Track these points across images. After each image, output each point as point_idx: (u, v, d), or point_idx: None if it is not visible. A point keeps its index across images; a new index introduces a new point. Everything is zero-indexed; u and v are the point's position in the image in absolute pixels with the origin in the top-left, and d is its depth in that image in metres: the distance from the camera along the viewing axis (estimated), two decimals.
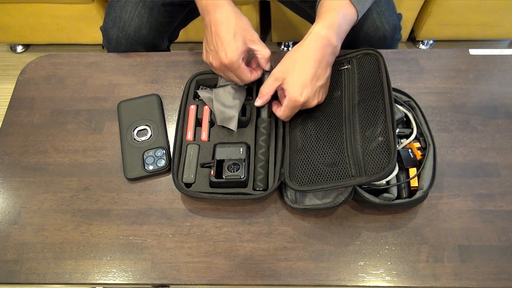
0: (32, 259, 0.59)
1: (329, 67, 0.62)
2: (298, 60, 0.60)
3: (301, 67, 0.60)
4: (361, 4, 0.65)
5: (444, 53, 0.78)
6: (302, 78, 0.59)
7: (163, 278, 0.58)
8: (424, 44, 1.71)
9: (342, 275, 0.57)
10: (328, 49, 0.61)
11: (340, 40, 0.63)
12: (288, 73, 0.60)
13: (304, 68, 0.60)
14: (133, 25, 0.81)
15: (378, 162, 0.54)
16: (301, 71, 0.60)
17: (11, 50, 1.77)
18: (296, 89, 0.59)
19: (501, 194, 0.63)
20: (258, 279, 0.57)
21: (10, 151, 0.69)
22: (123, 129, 0.70)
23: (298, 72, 0.60)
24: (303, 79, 0.59)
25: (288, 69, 0.61)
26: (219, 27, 0.62)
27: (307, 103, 0.61)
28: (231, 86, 0.67)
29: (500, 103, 0.72)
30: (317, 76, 0.60)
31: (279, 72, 0.61)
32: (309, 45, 0.61)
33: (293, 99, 0.59)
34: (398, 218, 0.61)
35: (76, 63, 0.79)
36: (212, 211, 0.62)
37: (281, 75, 0.61)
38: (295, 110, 0.62)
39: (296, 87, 0.59)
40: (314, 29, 0.62)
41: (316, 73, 0.60)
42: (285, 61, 0.62)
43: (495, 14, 1.48)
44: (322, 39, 0.61)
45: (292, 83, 0.60)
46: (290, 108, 0.61)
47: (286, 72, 0.60)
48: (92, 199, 0.64)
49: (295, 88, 0.59)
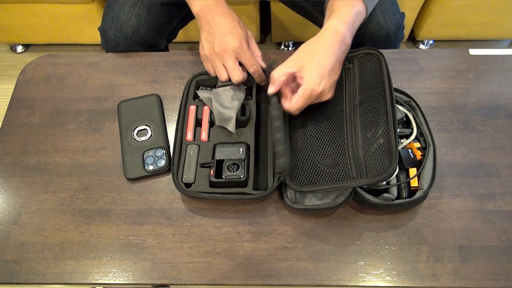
0: (32, 259, 0.59)
1: (341, 65, 0.62)
2: (318, 51, 0.60)
3: (320, 58, 0.59)
4: (370, 1, 0.65)
5: (444, 53, 0.78)
6: (322, 68, 0.58)
7: (163, 278, 0.58)
8: (424, 44, 1.71)
9: (342, 275, 0.57)
10: (343, 46, 0.61)
11: (351, 38, 0.63)
12: (306, 62, 0.59)
13: (324, 60, 0.59)
14: (131, 25, 0.81)
15: (379, 164, 0.54)
16: (320, 61, 0.59)
17: (11, 50, 1.77)
18: (315, 78, 0.58)
19: (501, 194, 0.63)
20: (258, 279, 0.57)
21: (10, 151, 0.69)
22: (123, 129, 0.70)
23: (317, 62, 0.59)
24: (322, 69, 0.58)
25: (306, 59, 0.60)
26: (223, 19, 0.65)
27: (322, 95, 0.60)
28: (230, 86, 0.67)
29: (500, 103, 0.72)
30: (334, 70, 0.60)
31: (296, 60, 0.60)
32: (328, 39, 0.60)
33: (310, 87, 0.58)
34: (398, 218, 0.61)
35: (76, 63, 0.79)
36: (212, 211, 0.62)
37: (298, 63, 0.60)
38: (309, 101, 0.60)
39: (315, 75, 0.58)
40: (332, 24, 0.61)
41: (334, 67, 0.60)
42: (302, 51, 0.61)
43: (495, 14, 1.48)
44: (340, 35, 0.60)
45: (311, 72, 0.58)
46: (306, 97, 0.59)
47: (304, 61, 0.59)
48: (92, 199, 0.64)
49: (314, 77, 0.58)
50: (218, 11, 0.66)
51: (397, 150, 0.54)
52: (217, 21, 0.65)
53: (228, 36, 0.64)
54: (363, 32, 0.80)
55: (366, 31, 0.80)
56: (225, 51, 0.64)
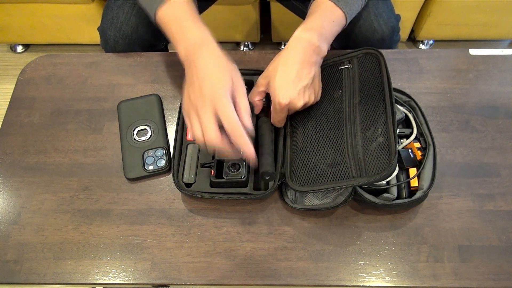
0: (32, 259, 0.59)
1: (313, 67, 0.61)
2: (280, 64, 0.60)
3: (282, 70, 0.60)
4: (348, 6, 0.65)
5: (444, 53, 0.78)
6: (284, 81, 0.59)
7: (163, 278, 0.58)
8: (424, 44, 1.71)
9: (342, 275, 0.57)
10: (309, 50, 0.61)
11: (324, 41, 0.62)
12: (271, 77, 0.60)
13: (285, 71, 0.59)
14: (131, 25, 0.81)
15: (378, 163, 0.54)
16: (282, 73, 0.59)
17: (11, 50, 1.77)
18: (278, 92, 0.59)
19: (501, 194, 0.63)
20: (258, 279, 0.57)
21: (10, 151, 0.69)
22: (123, 129, 0.70)
23: (279, 75, 0.59)
24: (285, 81, 0.59)
25: (271, 74, 0.61)
26: (206, 60, 0.55)
27: (293, 105, 0.60)
28: None
29: (500, 103, 0.72)
30: (299, 77, 0.59)
31: (263, 78, 0.62)
32: (289, 48, 0.61)
33: (276, 101, 0.59)
34: (398, 218, 0.61)
35: (76, 63, 0.79)
36: (212, 211, 0.63)
37: (264, 81, 0.62)
38: (283, 113, 0.61)
39: (278, 89, 0.59)
40: (295, 33, 0.62)
41: (298, 74, 0.59)
42: (269, 67, 0.62)
43: (495, 14, 1.48)
44: (302, 41, 0.61)
45: (275, 86, 0.59)
46: (277, 112, 0.61)
47: (269, 76, 0.61)
48: (92, 199, 0.64)
49: (278, 91, 0.59)
50: (201, 52, 0.56)
51: (396, 148, 0.54)
52: (199, 63, 0.55)
53: (206, 82, 0.53)
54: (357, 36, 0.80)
55: (360, 35, 0.80)
56: (200, 103, 0.52)
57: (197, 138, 0.53)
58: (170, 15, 0.62)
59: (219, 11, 1.46)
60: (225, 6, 1.45)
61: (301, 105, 0.61)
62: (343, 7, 0.64)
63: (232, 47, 1.74)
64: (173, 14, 0.61)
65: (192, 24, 0.60)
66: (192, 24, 0.60)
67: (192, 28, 0.59)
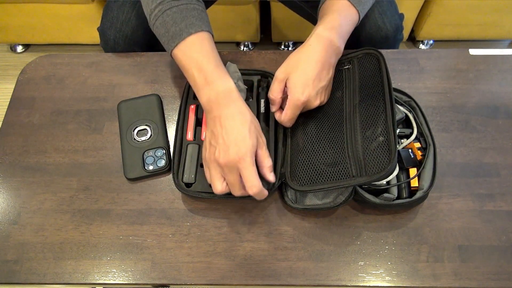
0: (32, 259, 0.59)
1: (332, 69, 0.62)
2: (302, 61, 0.60)
3: (304, 67, 0.60)
4: (361, 5, 0.65)
5: (444, 53, 0.78)
6: (305, 78, 0.59)
7: (163, 278, 0.58)
8: (424, 44, 1.71)
9: (342, 275, 0.57)
10: (330, 50, 0.61)
11: (342, 41, 0.63)
12: (291, 73, 0.60)
13: (307, 69, 0.59)
14: (131, 25, 0.81)
15: (378, 162, 0.54)
16: (304, 71, 0.59)
17: (11, 50, 1.77)
18: (298, 88, 0.59)
19: (501, 194, 0.63)
20: (258, 279, 0.57)
21: (10, 151, 0.69)
22: (123, 129, 0.70)
23: (300, 72, 0.59)
24: (306, 78, 0.59)
25: (291, 69, 0.60)
26: (231, 121, 0.55)
27: (309, 103, 0.61)
28: None
29: (500, 103, 0.72)
30: (319, 77, 0.60)
31: (282, 73, 0.61)
32: (312, 46, 0.61)
33: (295, 98, 0.59)
34: (398, 218, 0.61)
35: (76, 63, 0.79)
36: (212, 211, 0.63)
37: (284, 76, 0.61)
38: (297, 111, 0.61)
39: (298, 86, 0.59)
40: (317, 30, 0.62)
41: (319, 74, 0.60)
42: (288, 62, 0.62)
43: (495, 14, 1.48)
44: (325, 41, 0.61)
45: (295, 82, 0.59)
46: (292, 108, 0.60)
47: (289, 72, 0.60)
48: (92, 199, 0.64)
49: (297, 87, 0.59)
50: (228, 109, 0.56)
51: (396, 147, 0.54)
52: (224, 123, 0.55)
53: (233, 148, 0.53)
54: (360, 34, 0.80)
55: (364, 33, 0.80)
56: (226, 165, 0.54)
57: (218, 191, 0.56)
58: (189, 55, 0.59)
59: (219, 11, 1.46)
60: (225, 6, 1.45)
61: (316, 105, 0.61)
62: (357, 5, 0.64)
63: (232, 47, 1.74)
64: (193, 55, 0.59)
65: (216, 71, 0.58)
66: (215, 70, 0.58)
67: (216, 76, 0.58)
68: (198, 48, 0.60)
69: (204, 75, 0.58)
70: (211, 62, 0.59)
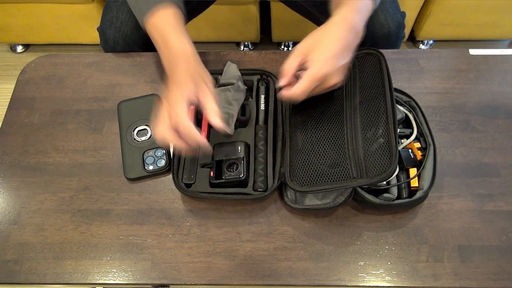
0: (32, 259, 0.59)
1: (351, 53, 0.60)
2: (325, 37, 0.58)
3: (326, 44, 0.58)
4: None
5: (444, 53, 0.78)
6: (328, 53, 0.57)
7: (163, 278, 0.58)
8: (424, 44, 1.71)
9: (342, 275, 0.57)
10: (353, 33, 0.59)
11: (362, 27, 0.61)
12: (312, 49, 0.58)
13: (330, 45, 0.58)
14: (130, 25, 0.81)
15: (379, 164, 0.54)
16: (326, 47, 0.58)
17: (11, 50, 1.77)
18: (320, 61, 0.56)
19: (501, 194, 0.63)
20: (258, 279, 0.57)
21: (10, 151, 0.69)
22: (123, 129, 0.70)
23: (323, 48, 0.57)
24: (328, 52, 0.57)
25: (312, 45, 0.58)
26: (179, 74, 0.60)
27: (326, 80, 0.58)
28: (230, 86, 0.67)
29: (500, 103, 0.72)
30: (340, 55, 0.58)
31: (303, 48, 0.59)
32: (336, 25, 0.59)
33: (315, 70, 0.56)
34: (398, 218, 0.61)
35: (76, 63, 0.79)
36: (212, 211, 0.62)
37: (304, 50, 0.58)
38: (313, 85, 0.57)
39: (321, 59, 0.57)
40: (340, 11, 0.60)
41: (341, 52, 0.58)
42: (310, 38, 0.59)
43: (495, 14, 1.48)
44: (348, 22, 0.59)
45: (317, 56, 0.57)
46: (309, 80, 0.56)
47: (311, 48, 0.58)
48: (92, 199, 0.64)
49: (318, 62, 0.57)
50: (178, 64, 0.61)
51: (397, 149, 0.53)
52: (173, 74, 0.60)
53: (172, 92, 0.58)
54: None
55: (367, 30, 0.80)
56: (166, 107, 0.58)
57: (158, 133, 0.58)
58: (156, 25, 0.65)
59: (219, 11, 1.46)
60: (225, 6, 1.45)
61: (332, 84, 0.59)
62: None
63: (232, 47, 1.74)
64: (159, 25, 0.64)
65: (175, 37, 0.62)
66: (175, 36, 0.62)
67: (174, 40, 0.62)
68: (164, 19, 0.65)
69: (165, 41, 0.63)
70: (173, 29, 0.63)
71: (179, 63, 0.61)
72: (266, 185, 0.62)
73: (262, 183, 0.61)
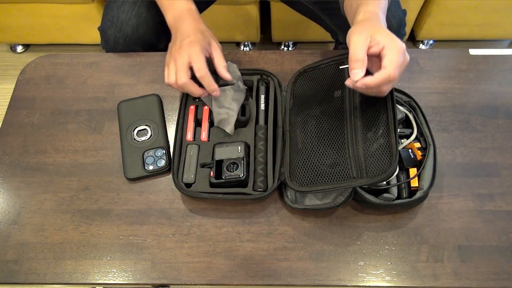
0: (32, 259, 0.59)
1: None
2: (373, 24, 0.55)
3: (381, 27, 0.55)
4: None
5: (444, 53, 0.78)
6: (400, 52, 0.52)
7: (163, 278, 0.58)
8: (424, 44, 1.71)
9: (342, 275, 0.57)
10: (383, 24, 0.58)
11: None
12: (373, 29, 0.53)
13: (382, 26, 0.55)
14: (131, 24, 0.81)
15: (379, 164, 0.54)
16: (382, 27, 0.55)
17: (11, 50, 1.77)
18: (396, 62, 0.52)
19: (501, 194, 0.63)
20: (258, 279, 0.57)
21: (10, 151, 0.69)
22: (123, 129, 0.70)
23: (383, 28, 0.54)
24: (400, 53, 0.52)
25: (369, 29, 0.54)
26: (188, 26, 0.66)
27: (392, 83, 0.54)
28: (230, 86, 0.67)
29: (500, 103, 0.72)
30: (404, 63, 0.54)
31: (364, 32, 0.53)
32: (372, 19, 0.57)
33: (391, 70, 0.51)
34: (398, 218, 0.61)
35: (76, 63, 0.79)
36: (212, 211, 0.62)
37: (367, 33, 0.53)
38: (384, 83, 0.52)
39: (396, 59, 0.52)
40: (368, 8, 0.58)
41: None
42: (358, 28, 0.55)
43: (495, 14, 1.48)
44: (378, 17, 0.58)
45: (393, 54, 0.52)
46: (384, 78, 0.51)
47: (371, 30, 0.53)
48: (92, 199, 0.64)
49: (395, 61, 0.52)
50: (186, 20, 0.67)
51: (398, 150, 0.53)
52: (182, 28, 0.66)
53: (186, 41, 0.63)
54: None
55: None
56: (179, 54, 0.62)
57: (170, 81, 0.62)
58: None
59: (219, 11, 1.45)
60: (225, 6, 1.45)
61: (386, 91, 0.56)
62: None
63: (232, 47, 1.74)
64: None
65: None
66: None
67: (181, 1, 0.68)
68: None
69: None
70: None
71: (187, 19, 0.66)
72: (266, 185, 0.62)
73: (262, 183, 0.61)
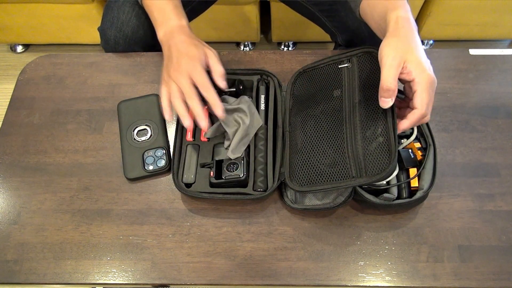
0: (32, 259, 0.59)
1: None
2: (412, 42, 0.55)
3: (415, 44, 0.54)
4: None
5: (444, 53, 0.78)
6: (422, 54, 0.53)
7: (163, 278, 0.58)
8: (424, 44, 1.71)
9: (342, 275, 0.57)
10: (415, 32, 0.57)
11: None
12: (407, 52, 0.53)
13: (416, 45, 0.54)
14: (131, 25, 0.81)
15: (378, 163, 0.54)
16: (416, 47, 0.54)
17: (11, 50, 1.77)
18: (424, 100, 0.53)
19: (501, 194, 0.63)
20: (258, 279, 0.57)
21: (10, 151, 0.69)
22: (123, 129, 0.70)
23: (416, 50, 0.53)
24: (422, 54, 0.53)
25: (404, 49, 0.53)
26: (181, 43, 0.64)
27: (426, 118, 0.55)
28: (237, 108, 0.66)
29: (500, 103, 0.72)
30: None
31: (398, 56, 0.53)
32: (405, 28, 0.56)
33: (422, 111, 0.53)
34: (398, 218, 0.61)
35: (76, 63, 0.79)
36: (212, 211, 0.63)
37: (400, 59, 0.53)
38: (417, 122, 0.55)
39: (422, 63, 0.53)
40: (400, 13, 0.58)
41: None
42: (393, 43, 0.55)
43: (495, 14, 1.48)
44: (410, 23, 0.57)
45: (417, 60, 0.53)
46: (416, 120, 0.54)
47: (405, 52, 0.53)
48: (92, 199, 0.64)
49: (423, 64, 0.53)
50: (179, 36, 0.65)
51: (397, 148, 0.53)
52: (177, 44, 0.64)
53: (184, 57, 0.62)
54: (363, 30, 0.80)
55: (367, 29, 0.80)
56: (179, 74, 0.61)
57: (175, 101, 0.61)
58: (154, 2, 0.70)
59: (219, 11, 1.46)
60: (225, 6, 1.45)
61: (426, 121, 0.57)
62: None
63: (232, 47, 1.74)
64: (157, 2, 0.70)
65: (172, 13, 0.68)
66: (172, 12, 0.68)
67: (172, 16, 0.68)
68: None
69: (163, 15, 0.69)
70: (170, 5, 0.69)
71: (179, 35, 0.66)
72: (266, 185, 0.62)
73: (262, 183, 0.61)
